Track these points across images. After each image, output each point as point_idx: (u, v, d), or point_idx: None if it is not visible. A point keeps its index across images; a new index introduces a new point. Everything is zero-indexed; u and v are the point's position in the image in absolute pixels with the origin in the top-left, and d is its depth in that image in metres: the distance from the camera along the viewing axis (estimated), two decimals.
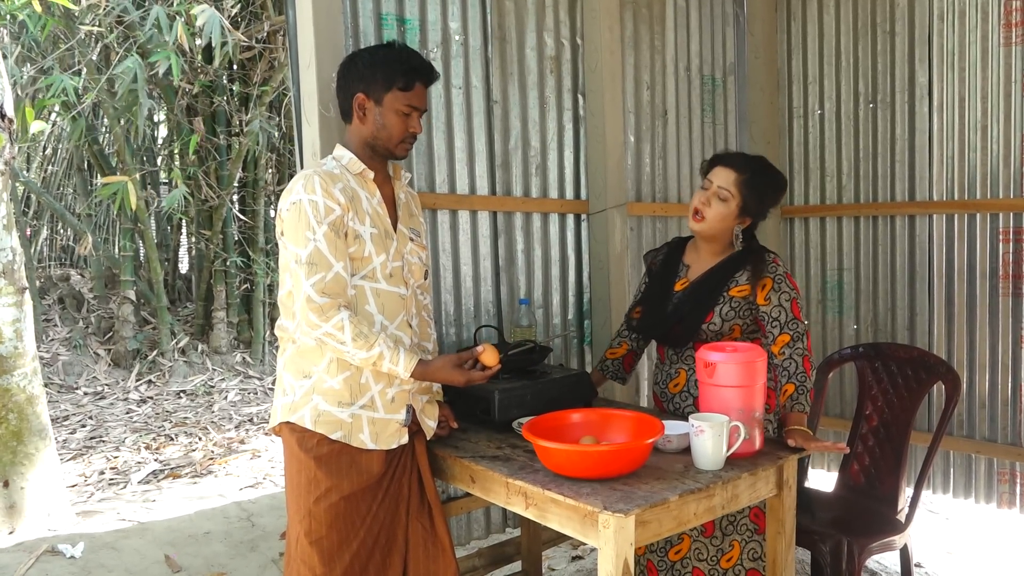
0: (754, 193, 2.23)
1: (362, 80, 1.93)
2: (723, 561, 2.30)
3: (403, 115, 1.94)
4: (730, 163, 2.25)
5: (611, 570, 1.66)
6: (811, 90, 3.69)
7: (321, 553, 1.87)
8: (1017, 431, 3.13)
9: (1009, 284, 3.12)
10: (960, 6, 3.18)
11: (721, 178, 2.24)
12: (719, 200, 2.23)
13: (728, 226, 2.28)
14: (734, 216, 2.25)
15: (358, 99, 1.94)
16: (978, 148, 3.17)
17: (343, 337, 1.80)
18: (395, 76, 1.91)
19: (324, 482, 1.87)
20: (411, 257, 2.02)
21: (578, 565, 3.33)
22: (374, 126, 1.94)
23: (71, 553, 3.21)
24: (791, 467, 2.04)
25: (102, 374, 6.96)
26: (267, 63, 7.09)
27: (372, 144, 1.96)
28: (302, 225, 1.81)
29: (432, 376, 1.90)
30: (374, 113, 1.93)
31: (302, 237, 1.81)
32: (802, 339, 2.17)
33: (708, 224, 2.26)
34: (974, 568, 3.19)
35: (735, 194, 2.22)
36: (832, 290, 3.68)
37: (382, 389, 1.92)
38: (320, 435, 1.88)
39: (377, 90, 1.92)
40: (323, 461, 1.88)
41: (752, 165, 2.27)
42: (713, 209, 2.24)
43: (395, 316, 1.95)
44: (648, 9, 3.32)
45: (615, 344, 2.56)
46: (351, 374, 1.89)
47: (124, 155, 6.79)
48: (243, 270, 7.63)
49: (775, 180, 2.32)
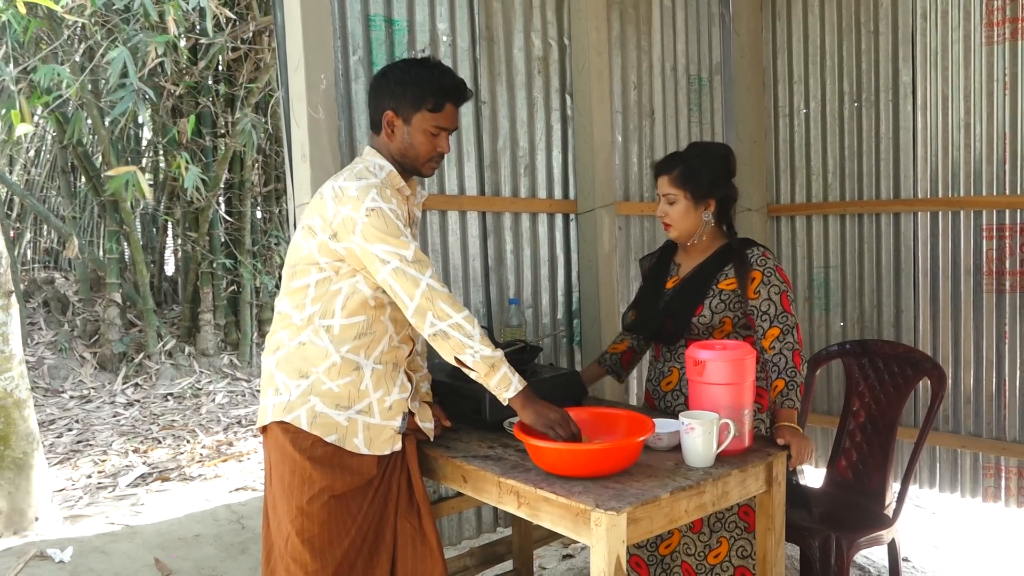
0: (693, 178, 2.26)
1: (392, 97, 1.91)
2: (710, 557, 2.31)
3: (431, 135, 1.92)
4: (662, 169, 2.32)
5: (604, 567, 1.67)
6: (796, 89, 3.71)
7: (313, 551, 1.87)
8: (1002, 426, 3.17)
9: (993, 280, 3.15)
10: (943, 5, 3.21)
11: (662, 186, 2.31)
12: (669, 204, 2.30)
13: (695, 220, 2.29)
14: (692, 208, 2.28)
15: (387, 116, 1.92)
16: (961, 146, 3.20)
17: (472, 331, 1.81)
18: (425, 97, 1.89)
19: (319, 482, 1.87)
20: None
21: (569, 564, 3.34)
22: (402, 144, 1.93)
23: (60, 558, 3.19)
24: (780, 464, 2.05)
25: (88, 377, 6.91)
26: (253, 64, 7.07)
27: (400, 161, 1.95)
28: (392, 229, 1.80)
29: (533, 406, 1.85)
30: (402, 132, 1.92)
31: (400, 240, 1.80)
32: (792, 333, 2.18)
33: (676, 227, 2.31)
34: (960, 562, 3.22)
35: (677, 190, 2.27)
36: (818, 287, 3.71)
37: (381, 396, 1.92)
38: (315, 436, 1.87)
39: (406, 109, 1.90)
40: (318, 462, 1.88)
41: (678, 159, 2.31)
42: (672, 213, 2.30)
43: (402, 328, 1.97)
44: (635, 9, 3.34)
45: (617, 340, 2.60)
46: (352, 379, 1.89)
47: (109, 156, 6.74)
48: (230, 272, 7.60)
49: (710, 153, 2.33)
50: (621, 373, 2.59)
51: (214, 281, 7.43)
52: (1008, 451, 3.12)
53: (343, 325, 1.88)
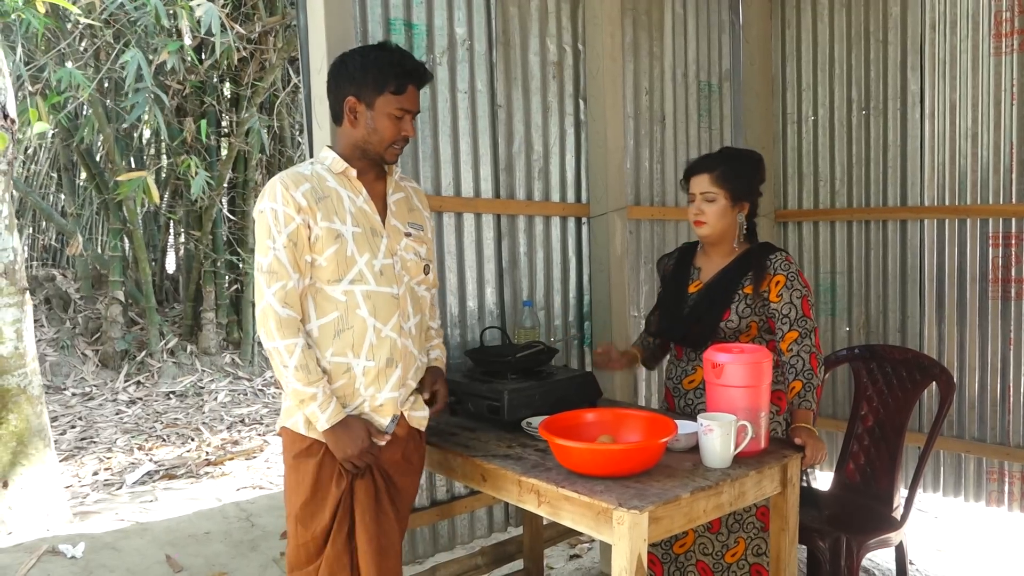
0: (734, 177, 2.31)
1: (353, 82, 1.89)
2: (727, 556, 2.35)
3: (395, 119, 1.91)
4: (699, 169, 2.35)
5: (625, 565, 1.70)
6: (805, 96, 3.75)
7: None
8: (1006, 431, 3.21)
9: (999, 288, 3.19)
10: (952, 16, 3.26)
11: (699, 185, 2.33)
12: (708, 203, 2.32)
13: (730, 221, 2.34)
14: (730, 208, 2.32)
15: (349, 102, 1.90)
16: (968, 155, 3.24)
17: (288, 361, 1.80)
18: (387, 79, 1.87)
19: (312, 486, 1.92)
20: (406, 254, 1.99)
21: (576, 564, 3.37)
22: (365, 130, 1.91)
23: (72, 553, 3.21)
24: (795, 465, 2.09)
25: (90, 375, 6.92)
26: (258, 64, 7.09)
27: (364, 148, 1.93)
28: (263, 234, 1.82)
29: (337, 440, 1.86)
30: (365, 117, 1.90)
31: (264, 246, 1.82)
32: (810, 336, 2.23)
33: (711, 226, 2.33)
34: (964, 565, 3.26)
35: (718, 189, 2.30)
36: (825, 293, 3.75)
37: (372, 394, 1.92)
38: (311, 440, 1.90)
39: (368, 93, 1.89)
40: (313, 466, 1.91)
41: (719, 158, 2.36)
42: (709, 212, 2.32)
43: (388, 318, 1.92)
44: (647, 16, 3.37)
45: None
46: (345, 382, 1.90)
47: (114, 154, 6.76)
48: (233, 271, 7.62)
49: (748, 157, 2.41)
50: (659, 357, 2.66)
51: (216, 280, 7.44)
52: (1012, 456, 3.17)
53: (320, 327, 1.89)
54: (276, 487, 4.30)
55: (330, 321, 1.89)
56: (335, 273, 1.87)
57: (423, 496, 2.67)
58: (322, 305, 1.89)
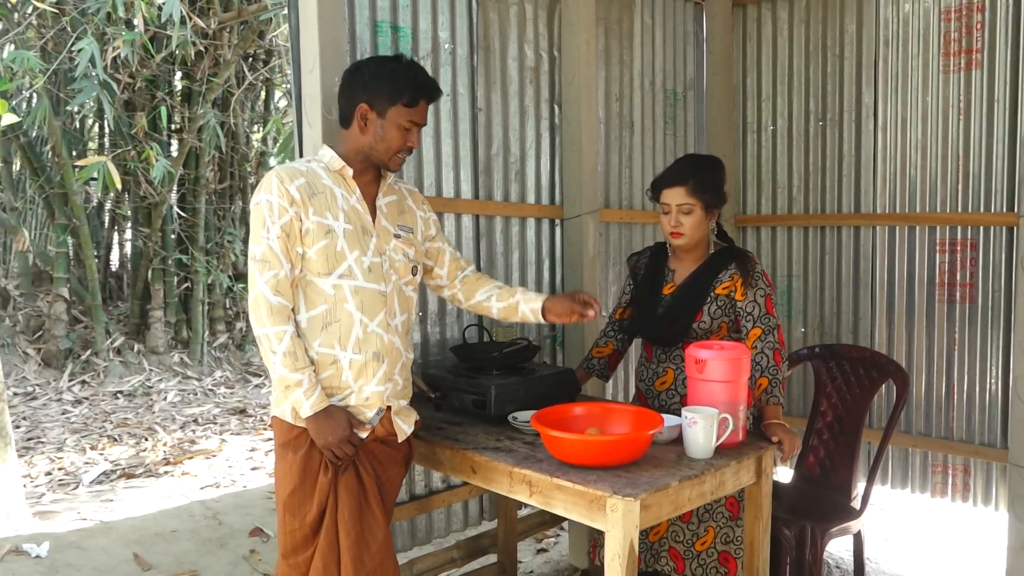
0: (707, 188, 2.39)
1: (367, 90, 1.95)
2: (697, 544, 2.45)
3: (404, 130, 1.97)
4: (673, 182, 2.41)
5: (618, 551, 1.78)
6: (765, 107, 3.91)
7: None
8: (950, 426, 3.40)
9: (945, 291, 3.39)
10: (904, 35, 3.44)
11: (674, 197, 2.39)
12: (685, 215, 2.39)
13: (705, 230, 2.45)
14: (705, 218, 2.42)
15: (361, 109, 1.96)
16: (918, 165, 3.43)
17: (276, 347, 1.86)
18: (401, 91, 1.94)
19: (300, 475, 1.97)
20: (395, 254, 2.04)
21: (544, 557, 3.45)
22: (374, 137, 1.97)
23: (37, 552, 3.15)
24: (769, 457, 2.21)
25: (32, 374, 6.73)
26: (212, 59, 7.01)
27: (368, 154, 1.99)
28: (258, 224, 1.89)
29: (318, 428, 1.90)
30: (376, 125, 1.96)
31: (258, 236, 1.88)
32: (773, 333, 2.36)
33: (689, 236, 2.41)
34: (909, 553, 3.45)
35: (695, 201, 2.38)
36: (782, 295, 3.91)
37: (360, 386, 1.98)
38: (300, 429, 1.95)
39: (381, 103, 1.95)
40: (300, 456, 1.96)
41: (689, 169, 2.42)
42: (687, 224, 2.39)
43: (375, 314, 1.98)
44: (618, 25, 3.47)
45: (601, 343, 2.69)
46: (332, 373, 1.95)
47: (60, 148, 6.59)
48: (183, 269, 7.49)
49: (714, 164, 2.49)
50: (608, 375, 2.71)
51: (165, 278, 7.31)
52: (956, 450, 3.36)
53: (309, 318, 1.94)
54: (240, 485, 4.27)
55: (319, 313, 1.94)
56: (324, 267, 1.92)
57: (402, 491, 2.71)
58: (311, 297, 1.94)
